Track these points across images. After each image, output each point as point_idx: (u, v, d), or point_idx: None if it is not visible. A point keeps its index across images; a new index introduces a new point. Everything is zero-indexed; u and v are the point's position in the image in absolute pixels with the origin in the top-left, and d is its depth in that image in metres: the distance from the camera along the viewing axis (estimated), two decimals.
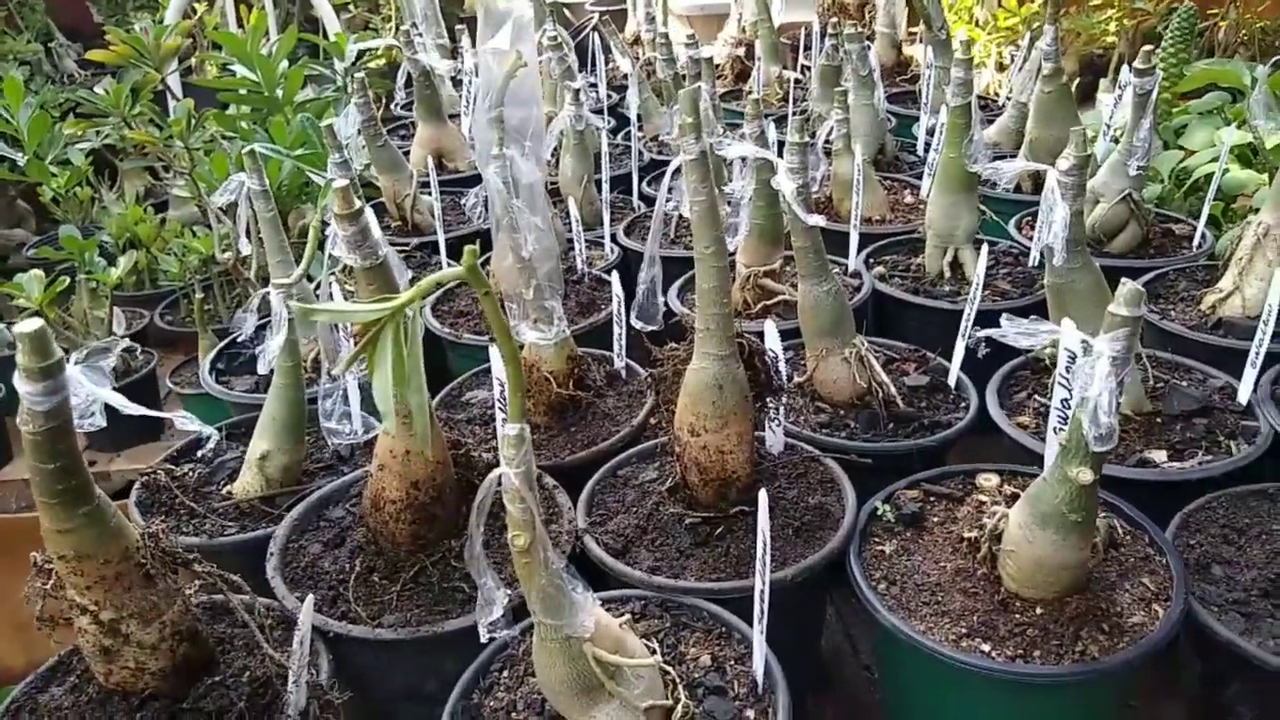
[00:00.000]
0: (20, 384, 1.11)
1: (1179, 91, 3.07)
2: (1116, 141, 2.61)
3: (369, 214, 1.42)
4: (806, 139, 1.86)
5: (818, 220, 1.85)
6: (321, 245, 2.04)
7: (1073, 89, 4.09)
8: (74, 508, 1.20)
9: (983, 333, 1.50)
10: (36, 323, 1.10)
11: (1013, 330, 1.44)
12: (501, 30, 1.73)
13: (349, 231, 1.42)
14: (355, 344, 1.10)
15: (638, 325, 1.71)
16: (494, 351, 1.74)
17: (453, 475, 1.61)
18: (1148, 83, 2.26)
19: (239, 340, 2.33)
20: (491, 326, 1.15)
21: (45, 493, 1.18)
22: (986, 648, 1.41)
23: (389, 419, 1.05)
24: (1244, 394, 1.88)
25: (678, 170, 1.59)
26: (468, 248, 1.09)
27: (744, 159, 2.12)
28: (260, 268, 2.93)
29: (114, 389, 1.25)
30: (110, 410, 2.31)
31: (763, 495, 1.32)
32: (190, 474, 1.87)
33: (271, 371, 1.80)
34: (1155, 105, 2.29)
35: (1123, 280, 1.32)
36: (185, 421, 1.49)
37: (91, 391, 1.15)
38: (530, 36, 1.74)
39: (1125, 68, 2.51)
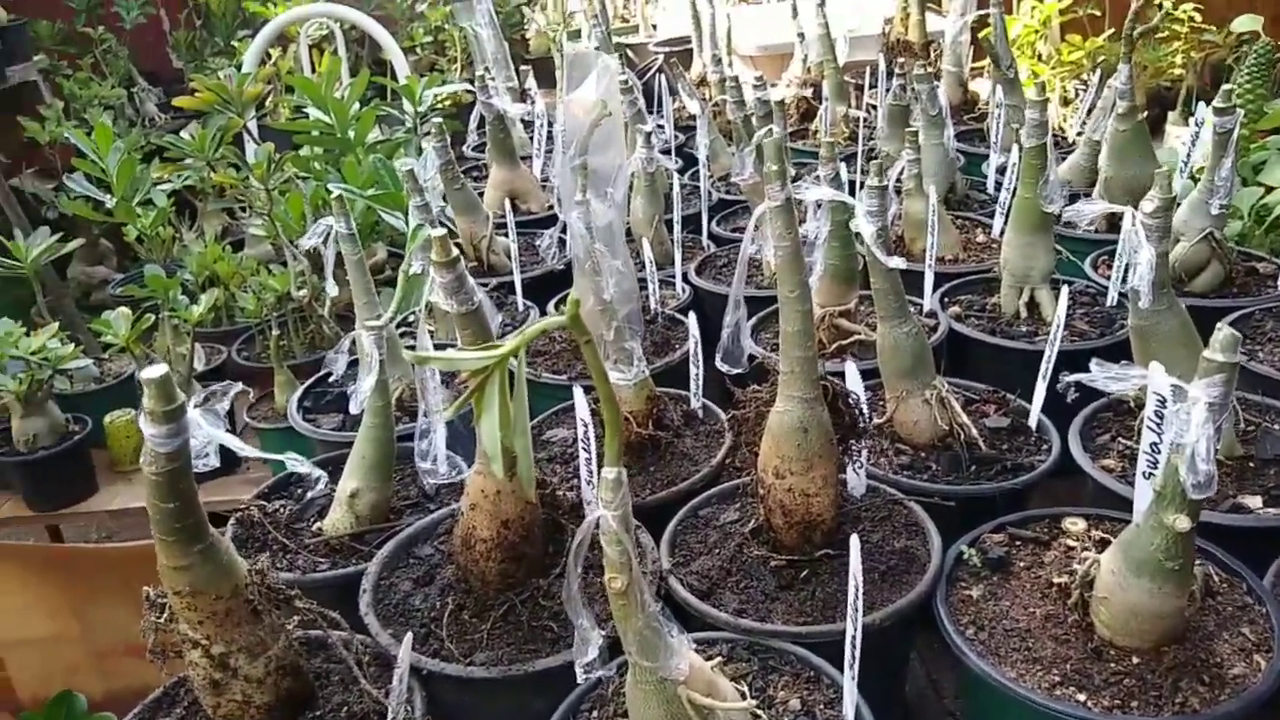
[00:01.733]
0: (145, 426, 1.16)
1: (1258, 129, 3.03)
2: (1194, 179, 2.58)
3: (463, 263, 1.47)
4: (884, 182, 1.87)
5: (898, 263, 1.86)
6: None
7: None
8: (190, 545, 1.25)
9: (1072, 377, 1.49)
10: (161, 369, 1.15)
11: (1103, 375, 1.43)
12: (587, 80, 1.78)
13: (447, 278, 1.47)
14: (460, 389, 1.14)
15: (722, 368, 1.73)
16: (577, 391, 1.77)
17: (540, 514, 1.64)
18: (1228, 121, 2.24)
19: (328, 379, 2.39)
20: (590, 371, 1.18)
21: (164, 530, 1.23)
22: (1082, 697, 1.39)
23: (496, 462, 1.08)
24: None
25: (762, 215, 1.61)
26: (571, 297, 1.12)
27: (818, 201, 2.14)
28: (334, 305, 3.01)
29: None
30: None
31: (854, 540, 1.32)
32: (282, 510, 1.92)
33: (361, 411, 1.85)
34: (1237, 143, 2.27)
35: (1219, 325, 1.31)
36: (297, 464, 1.54)
37: (209, 434, 1.20)
38: (614, 85, 1.79)
39: (1200, 104, 2.49)
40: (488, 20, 4.01)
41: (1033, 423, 2.01)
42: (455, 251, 1.47)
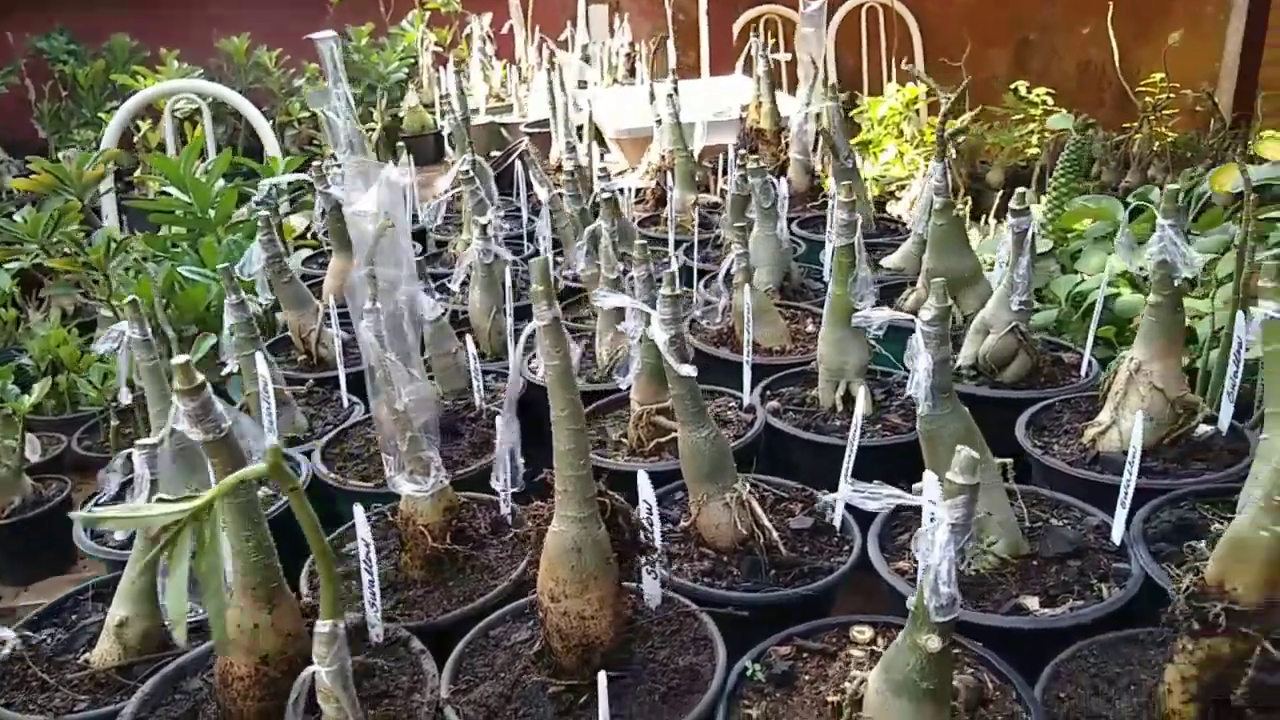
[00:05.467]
0: None
1: (1063, 225, 3.17)
2: None
3: (209, 389, 1.41)
4: (676, 291, 1.89)
5: (690, 370, 1.87)
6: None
7: (996, 200, 4.25)
8: None
9: (827, 497, 1.50)
10: None
11: (856, 495, 1.44)
12: (369, 191, 1.76)
13: (190, 406, 1.41)
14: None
15: (496, 487, 1.70)
16: (358, 510, 1.72)
17: (307, 646, 1.57)
18: (1024, 222, 2.33)
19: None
20: (300, 522, 1.14)
21: None
22: None
23: (179, 628, 1.03)
24: (1117, 534, 1.89)
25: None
26: (270, 445, 1.08)
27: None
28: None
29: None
30: (20, 542, 2.28)
31: (601, 678, 1.30)
32: (49, 640, 1.80)
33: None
34: (1033, 242, 2.36)
35: (958, 448, 1.33)
36: None
37: None
38: (398, 196, 1.77)
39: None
40: (344, 105, 3.98)
41: (837, 522, 2.02)
42: (199, 378, 1.41)
